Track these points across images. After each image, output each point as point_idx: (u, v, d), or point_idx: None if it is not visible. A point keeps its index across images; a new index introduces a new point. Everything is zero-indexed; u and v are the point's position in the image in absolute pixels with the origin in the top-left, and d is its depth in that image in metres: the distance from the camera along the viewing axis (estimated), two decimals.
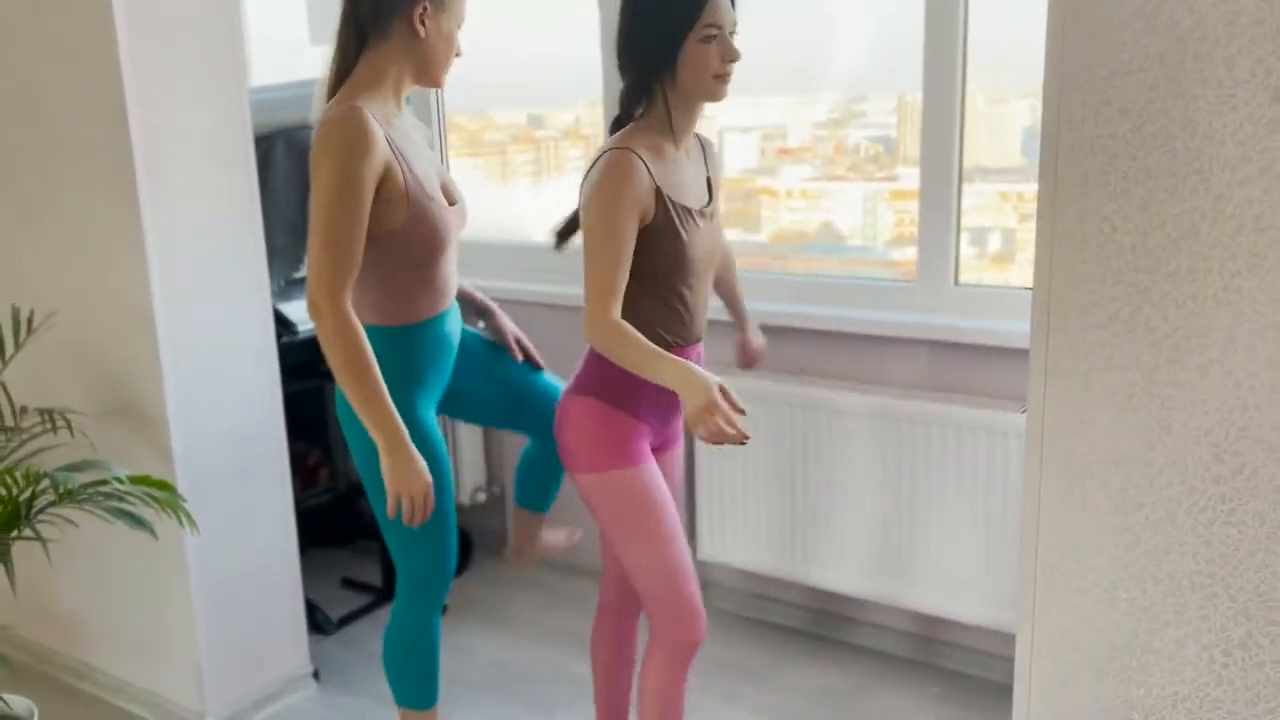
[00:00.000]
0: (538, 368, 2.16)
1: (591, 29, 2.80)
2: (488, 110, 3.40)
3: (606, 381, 1.78)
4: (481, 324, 2.15)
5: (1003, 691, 2.46)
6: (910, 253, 2.66)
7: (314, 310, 1.73)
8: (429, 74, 1.90)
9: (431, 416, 1.95)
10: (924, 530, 2.46)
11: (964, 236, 2.67)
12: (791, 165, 2.69)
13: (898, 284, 2.59)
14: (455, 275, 1.99)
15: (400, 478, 1.76)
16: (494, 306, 2.16)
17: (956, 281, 2.49)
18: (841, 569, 2.60)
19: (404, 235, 1.81)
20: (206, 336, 2.28)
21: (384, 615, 2.98)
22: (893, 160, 2.73)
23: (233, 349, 2.33)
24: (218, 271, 2.29)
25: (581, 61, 2.90)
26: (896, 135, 2.71)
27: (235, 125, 2.29)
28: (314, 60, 3.06)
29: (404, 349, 1.89)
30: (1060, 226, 1.20)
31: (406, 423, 1.83)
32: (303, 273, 2.78)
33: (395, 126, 1.83)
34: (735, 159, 2.90)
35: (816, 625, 2.78)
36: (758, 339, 2.16)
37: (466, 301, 2.13)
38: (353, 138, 1.70)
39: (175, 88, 2.18)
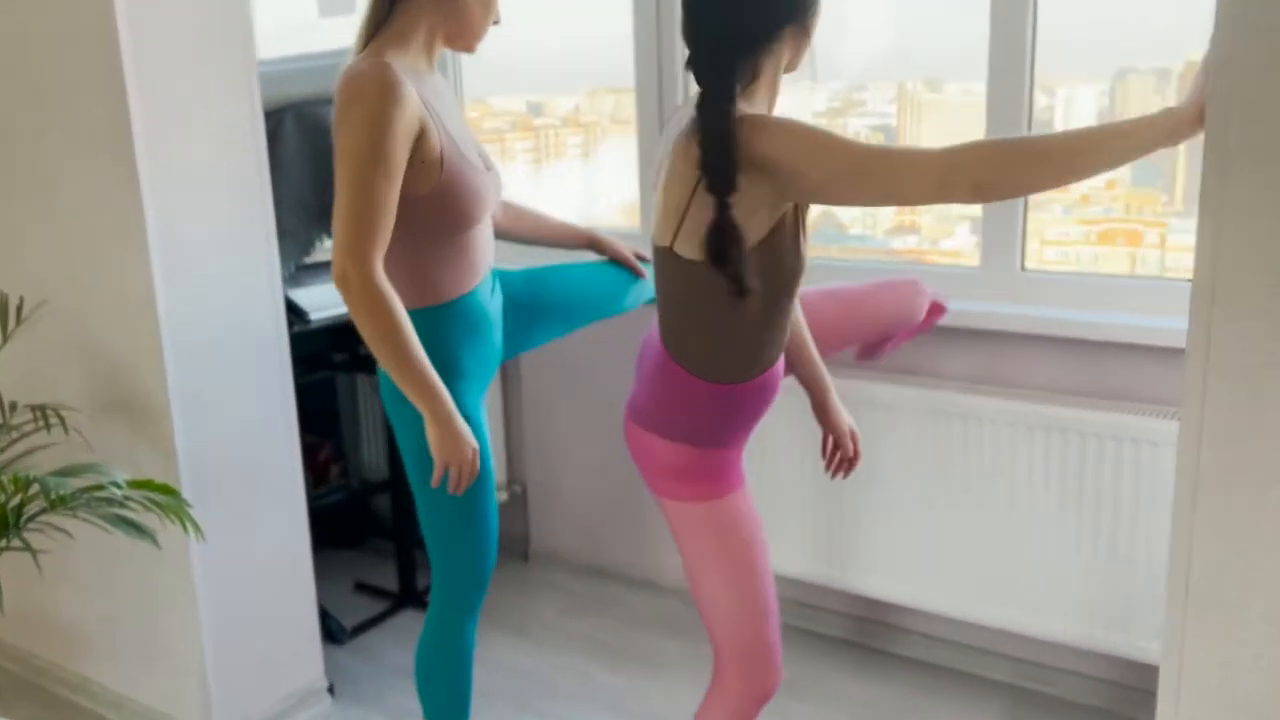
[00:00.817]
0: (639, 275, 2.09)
1: (589, 15, 2.66)
2: (486, 98, 3.31)
3: (695, 426, 1.56)
4: (594, 256, 2.08)
5: (1072, 710, 2.31)
6: (910, 241, 2.68)
7: (342, 282, 1.57)
8: (463, 37, 1.75)
9: (477, 410, 1.79)
10: (982, 536, 2.28)
11: (966, 225, 2.60)
12: None
13: (957, 270, 2.41)
14: (490, 247, 1.82)
15: (446, 445, 1.63)
16: (595, 234, 2.07)
17: (1023, 267, 2.31)
18: (889, 576, 2.42)
19: (433, 202, 1.65)
20: (213, 326, 2.10)
21: (401, 622, 2.84)
22: None
23: (241, 339, 2.15)
24: (225, 256, 2.11)
25: (580, 49, 2.84)
26: (897, 124, 2.62)
27: (242, 98, 2.10)
28: (322, 36, 2.91)
29: (433, 334, 1.71)
30: (1230, 200, 1.02)
31: None
32: (315, 258, 2.61)
33: (426, 84, 1.67)
34: None
35: (863, 635, 2.61)
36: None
37: (566, 240, 2.05)
38: (383, 89, 1.55)
39: (177, 58, 1.99)
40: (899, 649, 2.56)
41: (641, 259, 2.09)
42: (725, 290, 1.41)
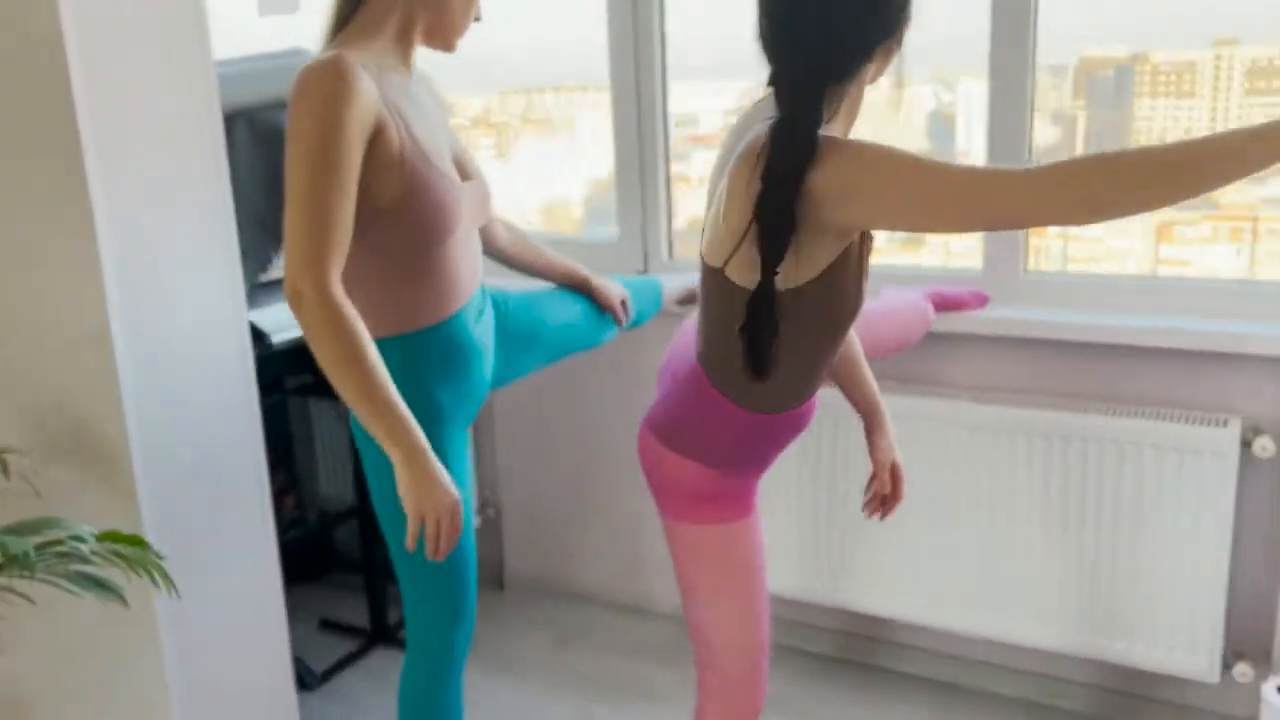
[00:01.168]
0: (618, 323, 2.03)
1: (500, 17, 2.58)
2: None
3: (723, 451, 1.46)
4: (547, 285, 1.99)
5: (1080, 719, 2.25)
6: None
7: (294, 298, 1.39)
8: (441, 32, 1.61)
9: (460, 455, 1.63)
10: (985, 545, 2.20)
11: None
12: (704, 151, 2.62)
13: (958, 273, 2.33)
14: (475, 266, 1.66)
15: (420, 494, 1.41)
16: (589, 277, 1.96)
17: (1026, 269, 2.24)
18: (888, 590, 2.33)
19: (397, 214, 1.49)
20: (174, 353, 1.90)
21: (374, 661, 2.66)
22: None
23: (205, 366, 1.96)
24: (185, 275, 1.92)
25: (491, 49, 2.77)
26: None
27: (200, 100, 1.92)
28: (274, 36, 2.72)
29: (405, 366, 1.56)
30: None
31: None
32: (271, 275, 2.43)
33: (393, 83, 1.52)
34: None
35: (862, 653, 2.51)
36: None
37: (559, 279, 1.95)
38: (332, 83, 1.39)
39: (128, 55, 1.80)
40: (901, 666, 2.47)
41: (625, 305, 2.02)
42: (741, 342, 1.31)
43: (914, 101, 2.51)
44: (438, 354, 1.59)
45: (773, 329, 1.27)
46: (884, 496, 1.70)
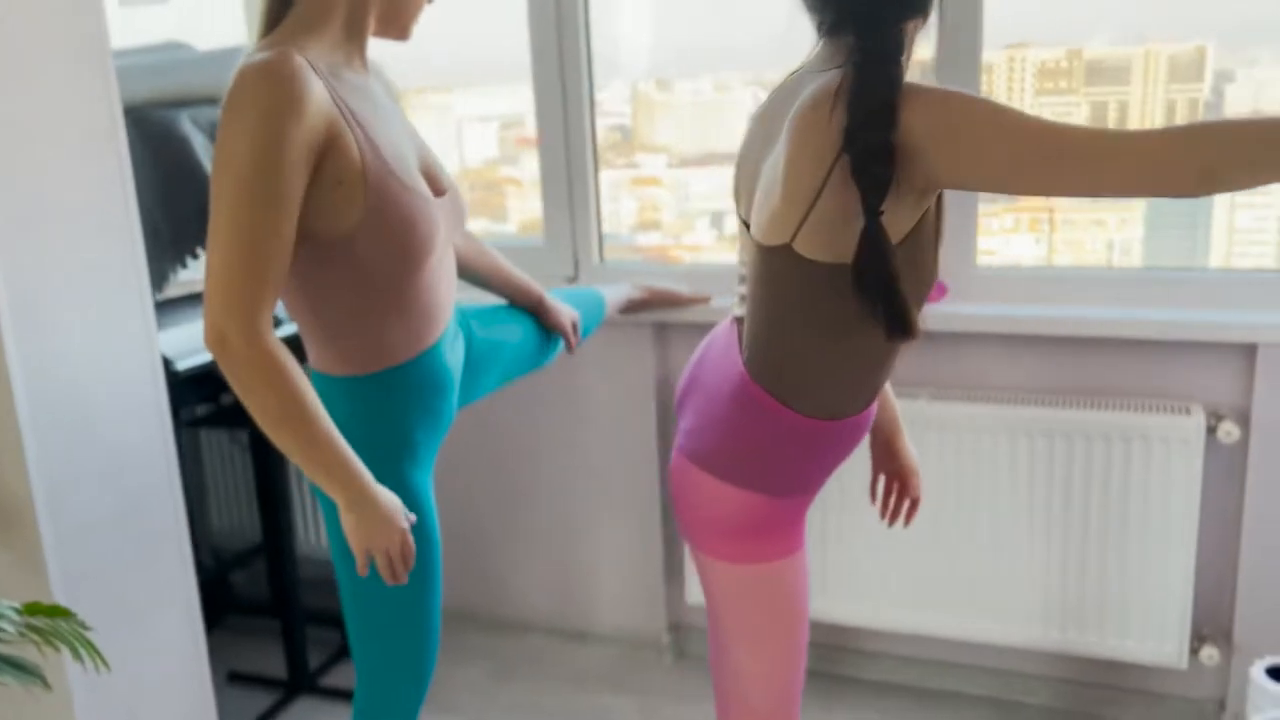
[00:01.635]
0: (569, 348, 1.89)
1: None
2: None
3: (777, 470, 1.30)
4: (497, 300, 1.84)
5: (1048, 714, 2.24)
6: (654, 238, 2.69)
7: (218, 343, 1.20)
8: (397, 19, 1.42)
9: (426, 487, 1.47)
10: (946, 545, 2.16)
11: (704, 220, 2.70)
12: (532, 153, 2.54)
13: None
14: (451, 290, 1.49)
15: (366, 533, 1.31)
16: (544, 296, 1.81)
17: (976, 263, 2.21)
18: (850, 597, 2.26)
19: (364, 238, 1.30)
20: (78, 385, 1.65)
21: (297, 713, 2.41)
22: (631, 148, 2.68)
23: (115, 402, 1.71)
24: (89, 296, 1.67)
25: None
26: (632, 124, 2.64)
27: (99, 95, 1.68)
28: (120, 25, 2.45)
29: (382, 404, 1.40)
30: None
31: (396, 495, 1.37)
32: (167, 293, 2.18)
33: (347, 81, 1.33)
34: (476, 149, 2.88)
35: (825, 663, 2.43)
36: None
37: (517, 296, 1.78)
38: (276, 90, 1.20)
39: (13, 43, 1.55)
40: (866, 674, 2.41)
41: (575, 326, 1.88)
42: (862, 307, 1.17)
43: (734, 106, 2.56)
44: (414, 390, 1.42)
45: (892, 272, 1.13)
46: (915, 503, 1.60)
